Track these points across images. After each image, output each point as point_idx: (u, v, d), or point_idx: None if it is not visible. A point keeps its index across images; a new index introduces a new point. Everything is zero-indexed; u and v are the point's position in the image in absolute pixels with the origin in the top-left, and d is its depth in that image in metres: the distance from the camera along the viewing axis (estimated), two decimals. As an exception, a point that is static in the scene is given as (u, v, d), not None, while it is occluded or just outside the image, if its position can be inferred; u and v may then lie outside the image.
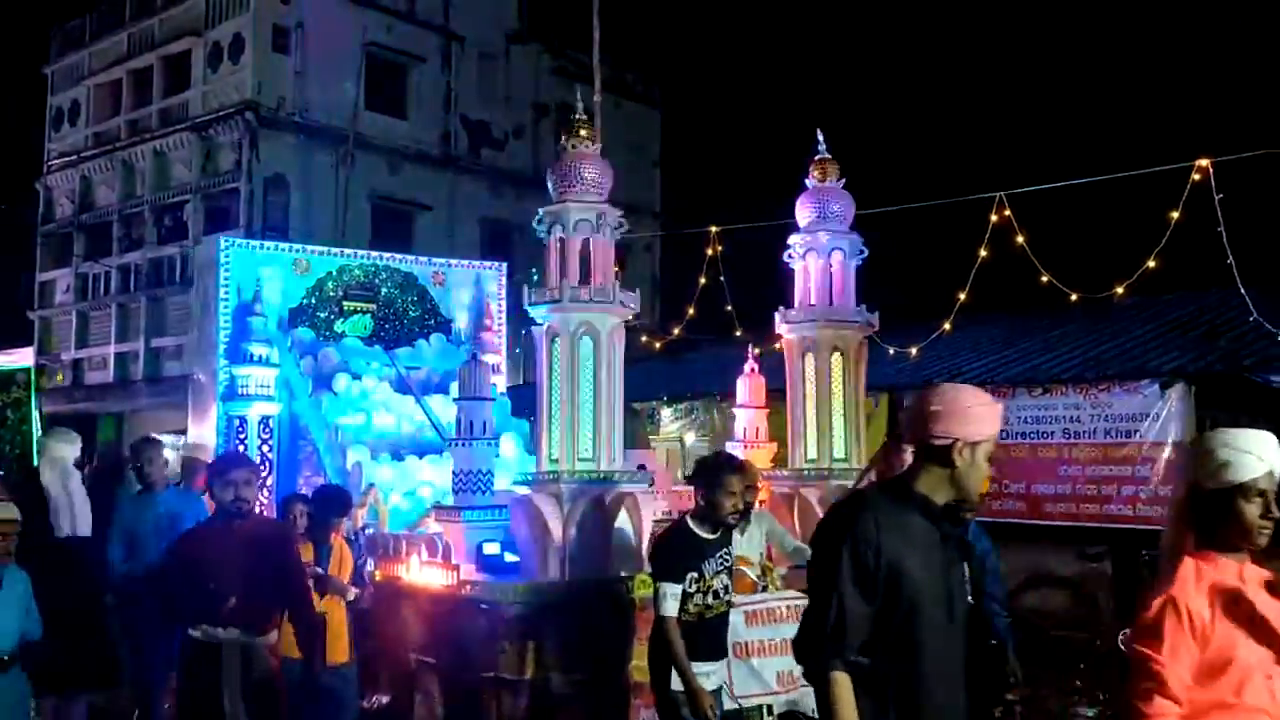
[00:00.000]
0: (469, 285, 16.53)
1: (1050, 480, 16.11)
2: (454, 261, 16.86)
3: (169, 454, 28.25)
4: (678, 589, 7.65)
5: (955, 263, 17.25)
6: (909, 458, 4.49)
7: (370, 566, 11.04)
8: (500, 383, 15.60)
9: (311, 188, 32.96)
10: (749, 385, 12.98)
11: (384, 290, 15.96)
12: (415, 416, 14.49)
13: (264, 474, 14.26)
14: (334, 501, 9.89)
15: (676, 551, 7.84)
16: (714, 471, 8.06)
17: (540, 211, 10.83)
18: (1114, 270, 15.55)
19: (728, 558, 7.99)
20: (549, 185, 10.82)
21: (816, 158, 12.06)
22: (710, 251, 19.33)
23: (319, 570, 9.26)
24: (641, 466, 12.06)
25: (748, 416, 12.90)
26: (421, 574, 10.97)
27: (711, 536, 7.90)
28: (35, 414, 18.24)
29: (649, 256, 39.53)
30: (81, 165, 37.29)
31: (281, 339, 14.97)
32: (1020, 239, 15.65)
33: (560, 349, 10.50)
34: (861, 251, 11.91)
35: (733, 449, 12.50)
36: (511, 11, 37.97)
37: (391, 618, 11.17)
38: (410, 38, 35.65)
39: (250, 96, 32.51)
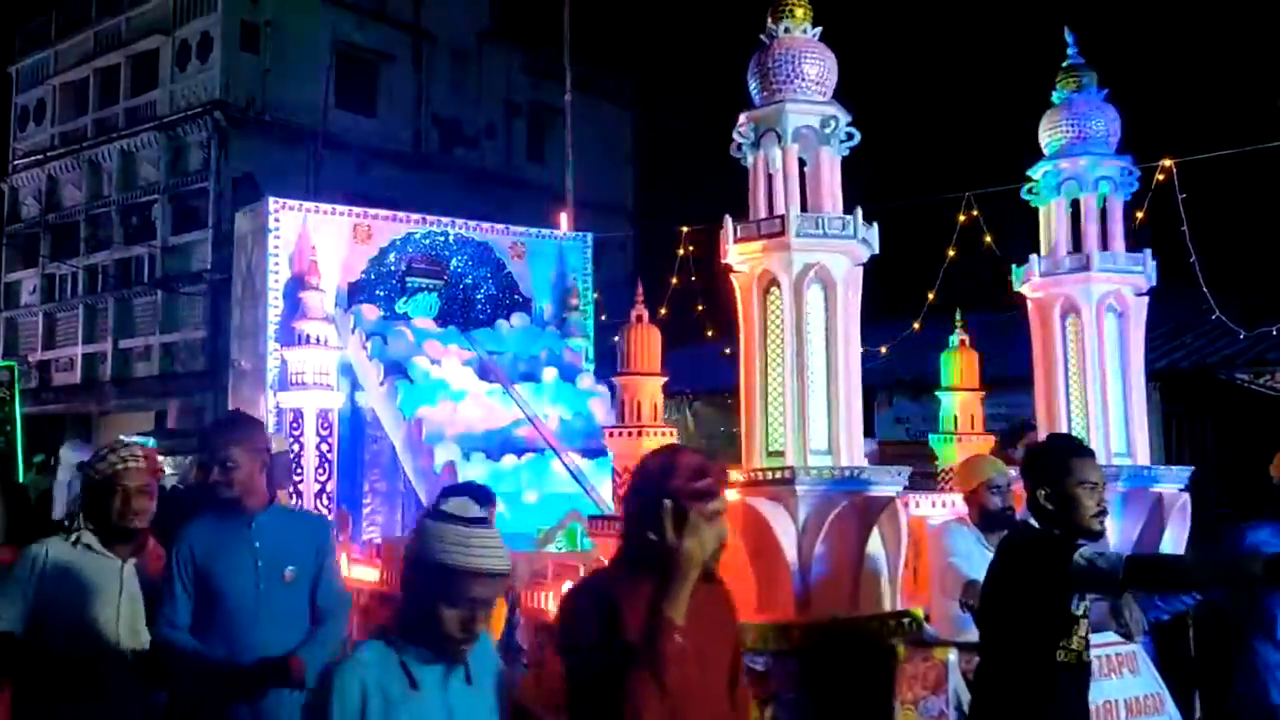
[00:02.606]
0: (552, 259, 13.09)
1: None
2: (536, 231, 13.36)
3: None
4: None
5: (923, 263, 16.39)
6: None
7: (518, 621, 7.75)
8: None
9: (281, 187, 29.26)
10: (960, 362, 9.44)
11: (454, 264, 12.49)
12: (504, 409, 11.12)
13: (324, 477, 10.92)
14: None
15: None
16: (1055, 457, 5.14)
17: (741, 120, 7.51)
18: None
19: None
20: (750, 84, 7.54)
21: (1066, 64, 8.82)
22: (682, 251, 17.74)
23: None
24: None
25: (959, 401, 9.34)
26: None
27: None
28: (19, 413, 14.61)
29: (623, 256, 36.30)
30: (47, 165, 34.04)
31: (342, 318, 11.55)
32: (987, 239, 14.87)
33: (781, 302, 7.22)
34: (1133, 182, 8.66)
35: (941, 443, 9.23)
36: (483, 10, 34.77)
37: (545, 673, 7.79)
38: (381, 36, 32.89)
39: (219, 95, 30.04)
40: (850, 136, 7.55)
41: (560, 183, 21.37)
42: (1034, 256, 8.70)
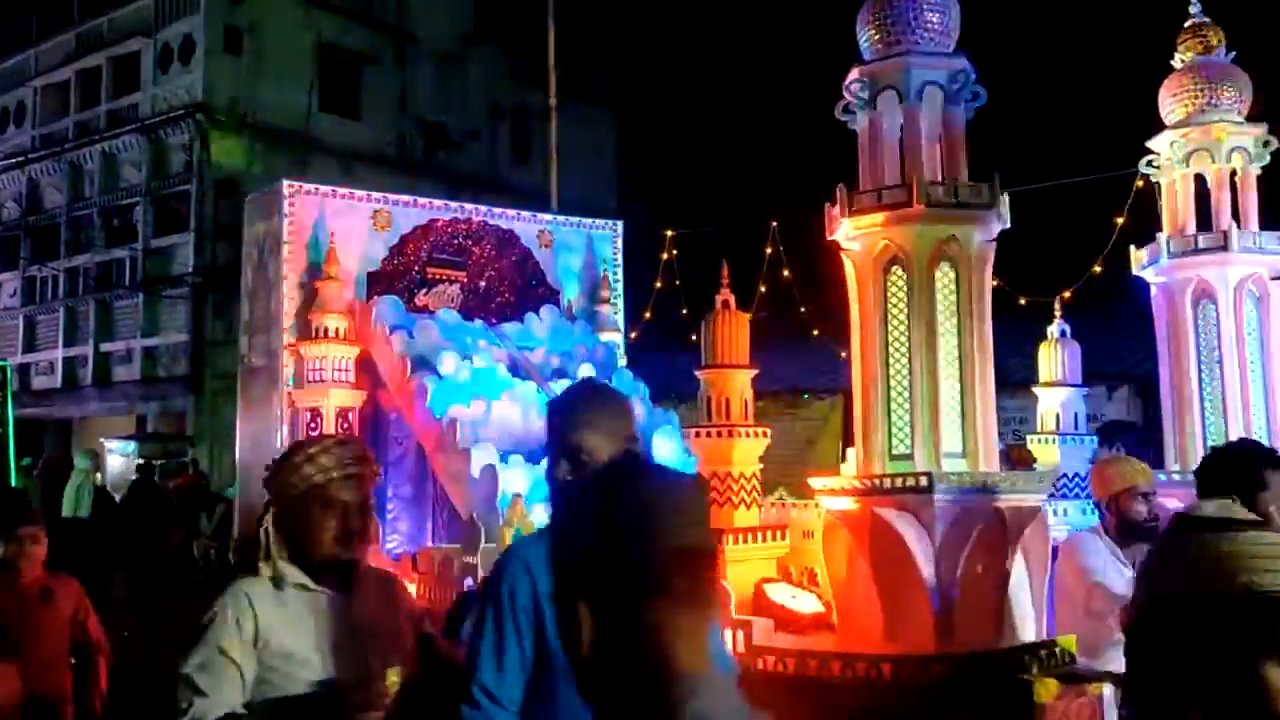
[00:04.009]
0: (579, 248, 11.73)
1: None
2: (564, 219, 11.98)
3: (117, 460, 23.40)
4: None
5: None
6: None
7: None
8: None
9: (264, 190, 28.04)
10: (1061, 356, 8.16)
11: (477, 253, 11.11)
12: (540, 408, 9.82)
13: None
14: None
15: None
16: (1248, 466, 4.11)
17: (852, 75, 6.29)
18: (1062, 274, 13.47)
19: None
20: (860, 36, 6.33)
21: (1189, 23, 7.62)
22: (665, 255, 17.31)
23: None
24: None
25: (1061, 399, 8.10)
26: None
27: None
28: (10, 415, 13.29)
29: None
30: (28, 167, 32.30)
31: (361, 310, 10.23)
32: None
33: (907, 282, 6.02)
34: (1267, 153, 7.45)
35: (1039, 445, 8.00)
36: (467, 13, 33.46)
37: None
38: (365, 38, 31.65)
39: (201, 98, 28.69)
40: (976, 96, 6.36)
41: (545, 186, 20.13)
42: (1160, 236, 7.51)
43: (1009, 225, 6.24)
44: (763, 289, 17.92)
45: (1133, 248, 7.71)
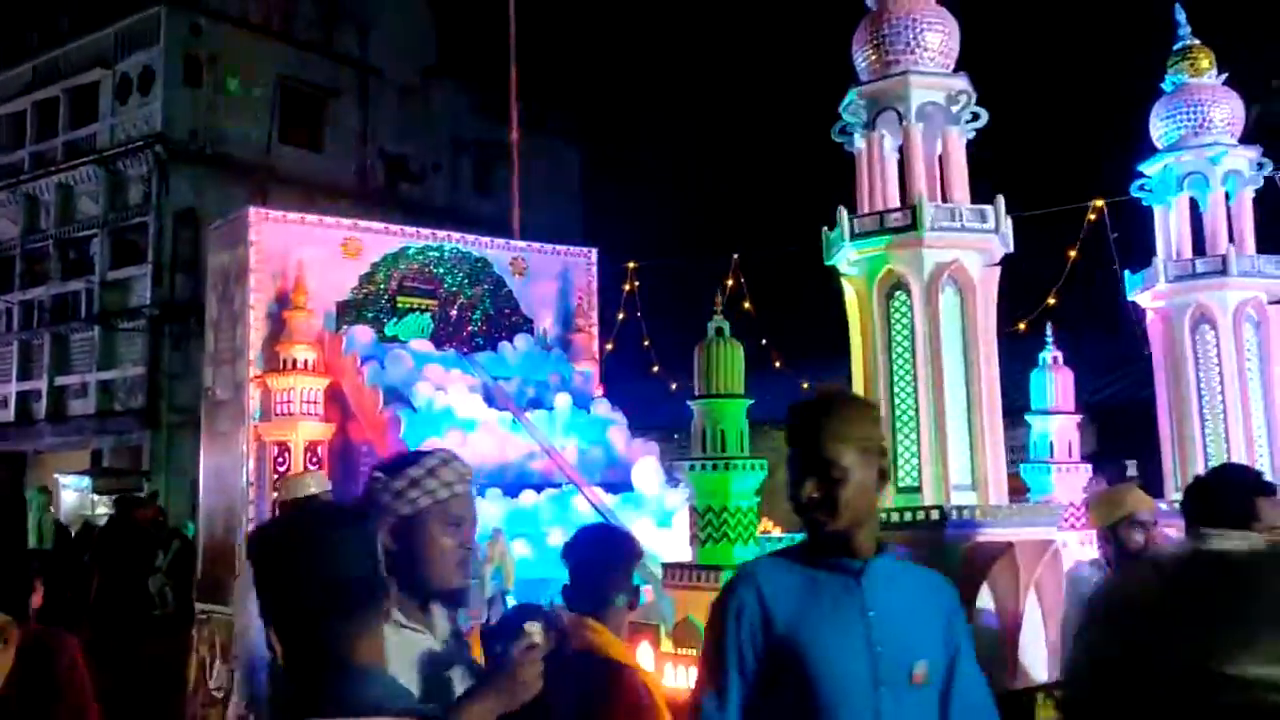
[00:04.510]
0: (554, 276, 11.34)
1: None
2: (539, 246, 11.60)
3: (70, 495, 22.80)
4: None
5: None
6: None
7: None
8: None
9: (229, 217, 27.59)
10: (1056, 383, 7.86)
11: (449, 282, 10.72)
12: (517, 440, 9.46)
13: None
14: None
15: None
16: (1236, 494, 3.89)
17: (851, 95, 6.01)
18: (1016, 306, 13.32)
19: None
20: (857, 57, 6.06)
21: (1178, 45, 7.38)
22: (628, 287, 17.37)
23: None
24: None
25: (1056, 426, 7.79)
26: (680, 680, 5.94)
27: None
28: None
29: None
30: (-17, 198, 31.41)
31: (331, 340, 9.83)
32: None
33: (910, 308, 5.72)
34: (1260, 174, 7.21)
35: (1032, 474, 7.71)
36: (430, 46, 33.07)
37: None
38: (326, 71, 31.22)
39: (160, 129, 28.07)
40: (975, 117, 6.09)
41: (508, 219, 19.79)
42: (1156, 261, 7.25)
43: (1011, 249, 5.97)
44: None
45: (1127, 272, 7.46)
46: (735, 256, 17.61)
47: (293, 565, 2.29)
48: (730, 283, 17.99)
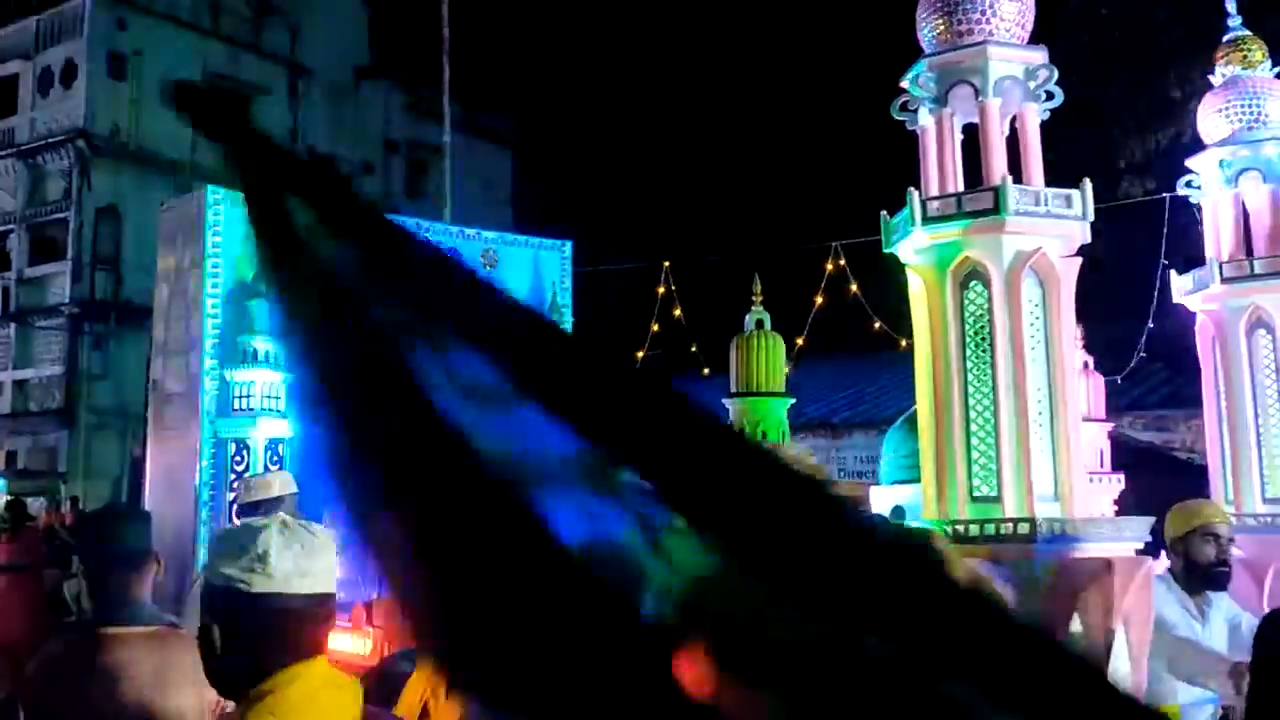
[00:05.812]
0: (527, 268, 10.57)
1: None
2: (510, 237, 10.77)
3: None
4: None
5: (792, 309, 15.60)
6: None
7: None
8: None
9: (146, 219, 26.68)
10: (1086, 389, 7.25)
11: (417, 272, 9.93)
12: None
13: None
14: None
15: None
16: None
17: (918, 66, 5.37)
18: None
19: None
20: (924, 28, 5.41)
21: (1227, 37, 6.85)
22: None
23: None
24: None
25: (1087, 435, 7.17)
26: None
27: None
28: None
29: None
30: (-104, 191, 29.92)
31: (294, 332, 8.99)
32: (853, 287, 14.93)
33: (989, 300, 5.08)
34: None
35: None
36: (362, 46, 32.18)
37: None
38: (255, 68, 30.35)
39: (82, 124, 27.28)
40: (1050, 96, 5.45)
41: (439, 220, 19.07)
42: (1208, 260, 6.70)
43: (1089, 240, 5.36)
44: (655, 327, 17.48)
45: (1174, 273, 6.90)
46: (666, 264, 17.29)
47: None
48: (661, 290, 17.58)
